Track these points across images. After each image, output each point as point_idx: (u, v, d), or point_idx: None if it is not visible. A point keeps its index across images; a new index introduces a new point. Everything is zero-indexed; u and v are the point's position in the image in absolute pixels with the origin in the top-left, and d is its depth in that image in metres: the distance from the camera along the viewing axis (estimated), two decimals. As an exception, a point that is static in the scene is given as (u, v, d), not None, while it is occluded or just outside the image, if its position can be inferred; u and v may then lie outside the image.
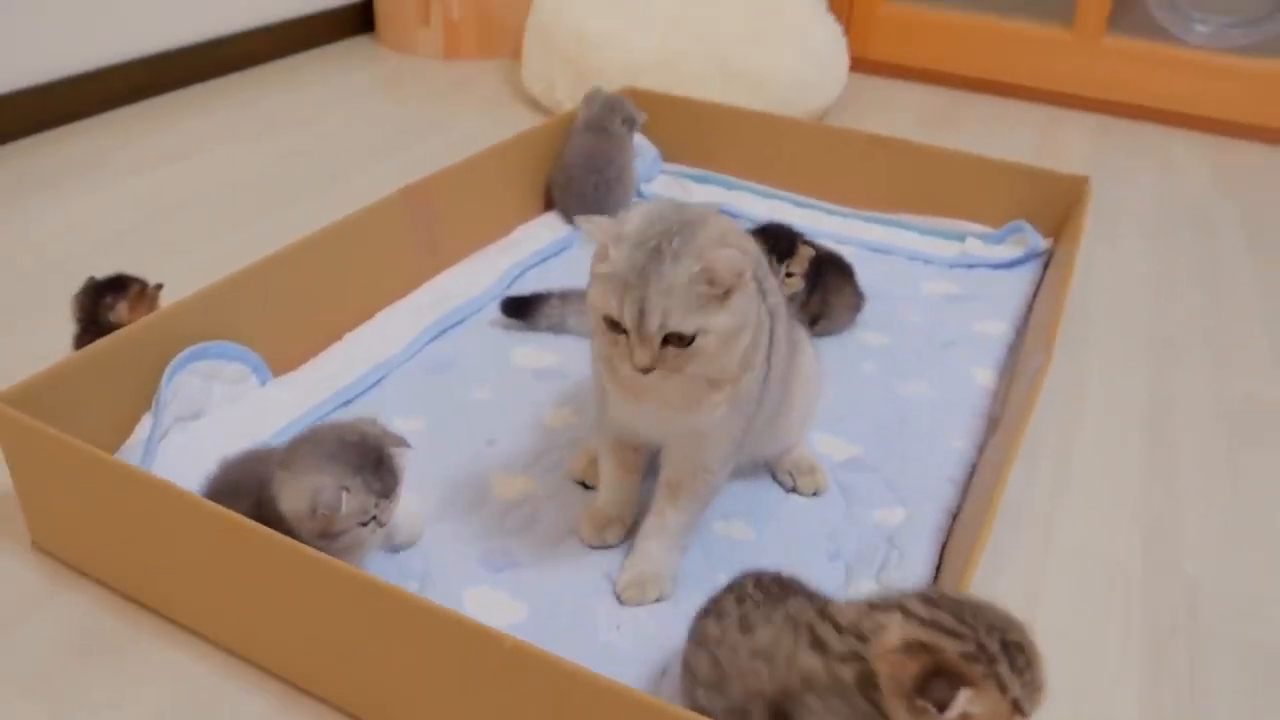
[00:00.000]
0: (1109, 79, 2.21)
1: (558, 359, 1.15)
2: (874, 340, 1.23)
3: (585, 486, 0.94)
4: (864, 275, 1.27)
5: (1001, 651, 0.51)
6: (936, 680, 0.50)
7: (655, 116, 1.56)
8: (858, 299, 1.26)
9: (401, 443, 0.77)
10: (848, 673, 0.53)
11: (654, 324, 0.67)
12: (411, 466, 0.81)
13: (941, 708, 0.49)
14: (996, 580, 0.89)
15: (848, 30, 2.25)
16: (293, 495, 0.71)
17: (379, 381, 1.08)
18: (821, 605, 0.59)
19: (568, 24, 1.91)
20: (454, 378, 1.10)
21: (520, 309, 1.20)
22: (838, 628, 0.55)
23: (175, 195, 1.54)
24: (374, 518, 0.73)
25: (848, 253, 1.30)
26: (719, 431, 0.78)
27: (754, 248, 0.80)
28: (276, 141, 1.78)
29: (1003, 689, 0.50)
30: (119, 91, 1.87)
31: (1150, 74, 2.17)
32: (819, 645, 0.55)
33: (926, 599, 0.54)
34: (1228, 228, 1.65)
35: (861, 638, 0.53)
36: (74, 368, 0.85)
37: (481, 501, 0.92)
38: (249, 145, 1.76)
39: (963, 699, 0.49)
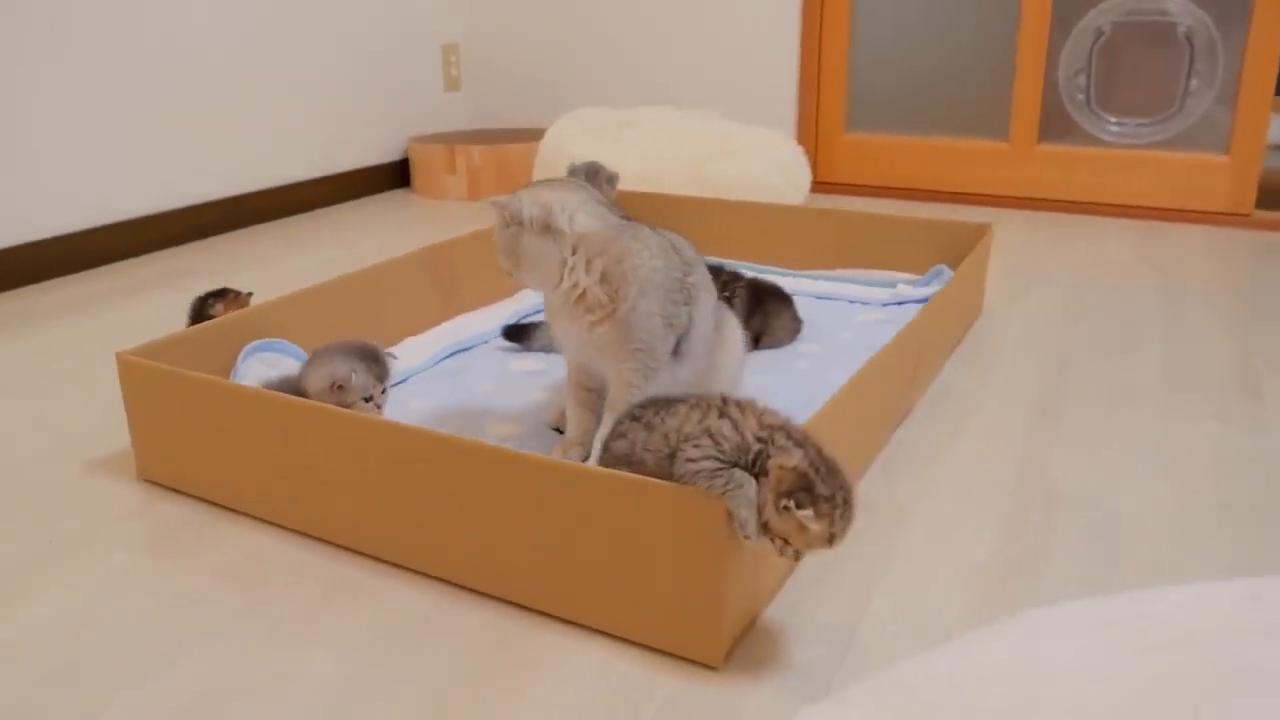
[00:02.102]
0: (1043, 180, 2.54)
1: (547, 366, 1.42)
2: (810, 350, 1.50)
3: (558, 431, 1.20)
4: (808, 316, 1.55)
5: (842, 504, 0.77)
6: (802, 494, 0.75)
7: (634, 213, 1.89)
8: (795, 323, 1.54)
9: (390, 354, 1.08)
10: (755, 447, 0.78)
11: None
12: (421, 423, 1.06)
13: (799, 507, 0.75)
14: (891, 481, 1.12)
15: (813, 157, 2.63)
16: (316, 378, 1.01)
17: (403, 381, 1.36)
18: (724, 397, 0.84)
19: (568, 154, 2.30)
20: (463, 379, 1.38)
21: (518, 334, 1.49)
22: (758, 421, 0.80)
23: (258, 284, 1.89)
24: (371, 398, 1.00)
25: (796, 302, 1.56)
26: (622, 350, 1.04)
27: (689, 254, 1.10)
28: (330, 254, 2.15)
29: (832, 526, 0.76)
30: (210, 223, 2.28)
31: (1077, 173, 2.50)
32: (729, 418, 0.81)
33: (819, 453, 0.78)
34: (1144, 283, 1.92)
35: (772, 441, 0.79)
36: (176, 342, 1.15)
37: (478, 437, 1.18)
38: (309, 256, 2.12)
39: (807, 514, 0.75)
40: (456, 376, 1.38)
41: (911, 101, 2.69)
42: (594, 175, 1.77)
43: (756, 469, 0.78)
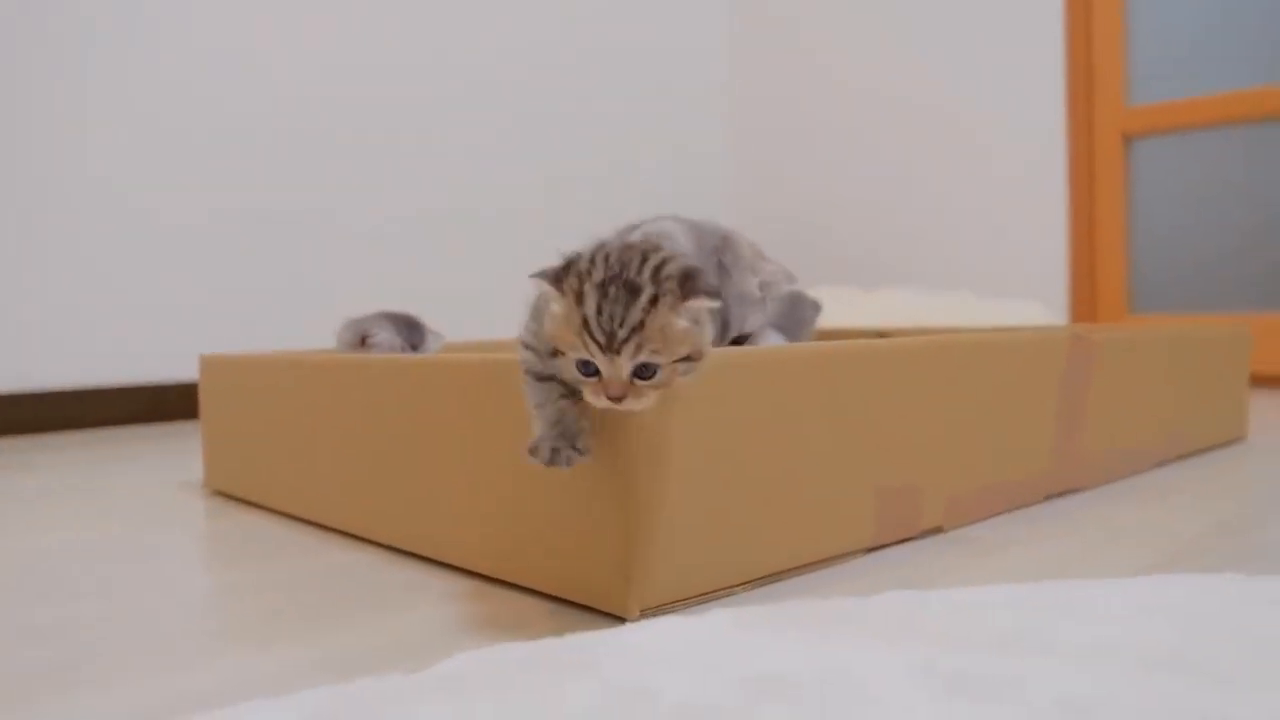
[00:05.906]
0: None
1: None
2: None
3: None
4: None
5: (605, 281, 0.54)
6: (554, 270, 0.57)
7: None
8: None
9: (439, 334, 1.06)
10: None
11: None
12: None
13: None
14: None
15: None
16: (349, 331, 1.02)
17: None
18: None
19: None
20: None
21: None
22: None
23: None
24: None
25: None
26: None
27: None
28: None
29: (578, 301, 0.54)
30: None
31: None
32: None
33: (632, 239, 0.59)
34: None
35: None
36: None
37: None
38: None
39: (536, 284, 0.57)
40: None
41: (1205, 276, 2.33)
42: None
43: None
